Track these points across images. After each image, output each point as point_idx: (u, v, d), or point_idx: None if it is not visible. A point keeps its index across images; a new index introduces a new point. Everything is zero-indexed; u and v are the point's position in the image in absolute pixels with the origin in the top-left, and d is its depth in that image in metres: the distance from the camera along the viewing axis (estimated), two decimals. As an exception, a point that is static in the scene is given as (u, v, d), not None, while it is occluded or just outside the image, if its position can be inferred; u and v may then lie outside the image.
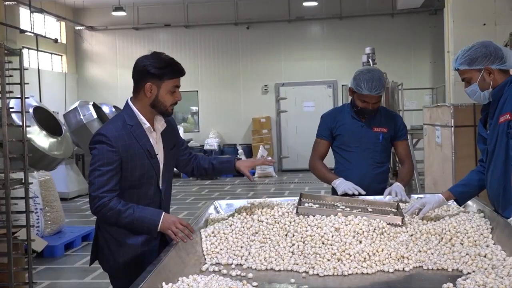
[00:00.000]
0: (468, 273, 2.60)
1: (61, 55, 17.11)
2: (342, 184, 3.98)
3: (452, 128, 6.42)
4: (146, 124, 3.09)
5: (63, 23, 16.91)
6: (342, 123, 4.20)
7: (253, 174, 15.70)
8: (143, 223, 2.98)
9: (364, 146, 4.15)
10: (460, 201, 3.50)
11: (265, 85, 16.96)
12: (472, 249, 2.86)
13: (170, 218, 2.98)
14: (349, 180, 4.01)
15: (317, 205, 3.46)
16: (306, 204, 3.46)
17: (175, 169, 3.46)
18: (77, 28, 17.37)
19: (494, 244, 2.94)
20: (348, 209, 3.39)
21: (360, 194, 3.85)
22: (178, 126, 3.74)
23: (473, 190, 3.49)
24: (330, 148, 4.32)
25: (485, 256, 2.76)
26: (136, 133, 3.06)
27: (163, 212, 3.02)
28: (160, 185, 3.19)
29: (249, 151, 16.39)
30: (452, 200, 3.49)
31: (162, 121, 3.18)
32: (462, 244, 2.98)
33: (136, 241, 3.11)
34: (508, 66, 3.21)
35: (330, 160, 4.27)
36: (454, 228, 3.10)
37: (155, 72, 3.01)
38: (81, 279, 6.54)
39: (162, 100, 3.05)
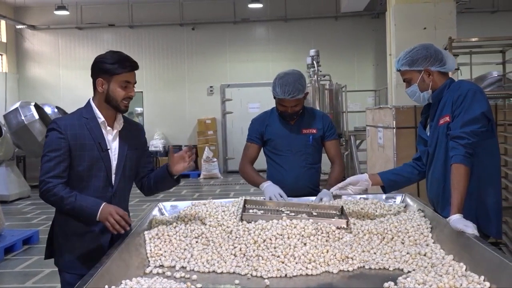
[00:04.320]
0: (409, 271, 2.64)
1: (1, 55, 16.68)
2: (269, 189, 3.94)
3: (394, 130, 6.52)
4: (101, 119, 3.17)
5: (3, 22, 16.50)
6: (271, 127, 4.21)
7: (198, 175, 15.66)
8: (83, 212, 3.04)
9: (295, 150, 4.16)
10: (387, 189, 3.55)
11: (211, 86, 16.94)
12: (412, 248, 2.91)
13: (108, 208, 3.00)
14: (283, 184, 4.02)
15: (261, 211, 3.46)
16: (251, 211, 3.44)
17: None
18: (18, 27, 16.97)
19: (433, 243, 3.01)
20: (293, 214, 3.38)
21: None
22: None
23: (402, 181, 3.54)
24: (261, 151, 4.32)
25: (425, 255, 2.81)
26: (90, 125, 3.14)
27: (103, 203, 3.04)
28: (113, 181, 3.20)
29: (195, 152, 16.27)
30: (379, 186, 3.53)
31: (121, 120, 3.27)
32: (403, 243, 3.04)
33: (85, 236, 3.17)
34: (447, 69, 3.29)
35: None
36: (395, 227, 3.15)
37: (105, 67, 3.11)
38: (22, 283, 6.39)
39: (113, 94, 3.14)
